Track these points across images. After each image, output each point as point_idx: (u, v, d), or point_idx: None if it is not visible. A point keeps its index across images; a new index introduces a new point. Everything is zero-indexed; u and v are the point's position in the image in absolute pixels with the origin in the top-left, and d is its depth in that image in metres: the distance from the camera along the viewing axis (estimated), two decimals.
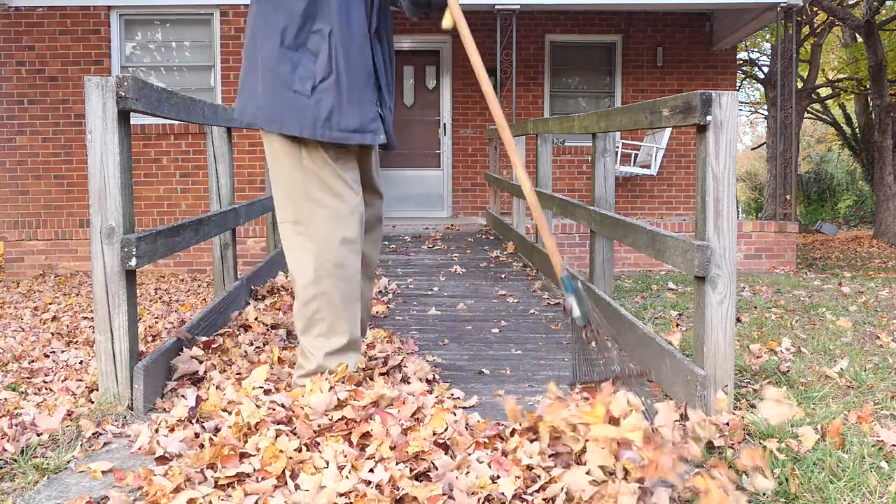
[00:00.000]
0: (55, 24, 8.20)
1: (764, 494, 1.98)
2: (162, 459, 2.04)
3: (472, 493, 1.80)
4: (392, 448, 1.97)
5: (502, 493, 1.80)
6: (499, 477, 1.86)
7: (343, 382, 2.34)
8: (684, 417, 2.50)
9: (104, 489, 1.93)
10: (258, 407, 2.23)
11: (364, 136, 2.46)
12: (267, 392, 2.46)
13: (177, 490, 1.79)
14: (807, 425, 2.34)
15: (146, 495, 1.80)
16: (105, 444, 2.24)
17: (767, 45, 17.10)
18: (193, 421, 2.29)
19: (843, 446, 2.23)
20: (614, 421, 1.82)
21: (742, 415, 2.45)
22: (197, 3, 8.17)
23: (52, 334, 4.64)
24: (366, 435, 2.06)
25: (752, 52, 17.96)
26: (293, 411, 2.19)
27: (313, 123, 2.39)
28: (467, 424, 2.19)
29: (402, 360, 2.89)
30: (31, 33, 8.20)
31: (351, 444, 2.03)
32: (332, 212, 2.47)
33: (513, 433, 2.12)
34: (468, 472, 1.87)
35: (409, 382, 2.67)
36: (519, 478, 1.83)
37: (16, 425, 2.32)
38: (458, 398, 2.66)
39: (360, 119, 2.44)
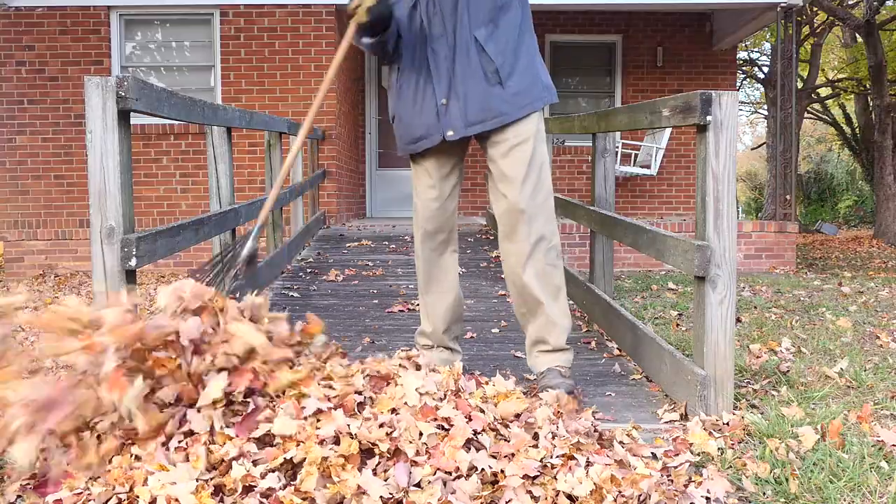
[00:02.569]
0: (55, 24, 8.19)
1: (764, 494, 1.98)
2: None
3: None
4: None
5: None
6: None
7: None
8: (684, 417, 2.50)
9: None
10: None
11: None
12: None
13: None
14: (807, 425, 2.34)
15: None
16: None
17: (767, 45, 17.10)
18: None
19: (843, 446, 2.23)
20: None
21: (742, 415, 2.45)
22: (197, 3, 8.16)
23: None
24: None
25: (752, 52, 17.97)
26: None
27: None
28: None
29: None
30: (31, 33, 8.19)
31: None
32: None
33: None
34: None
35: None
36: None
37: None
38: None
39: None
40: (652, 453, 2.11)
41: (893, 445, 2.23)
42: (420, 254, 2.84)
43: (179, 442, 1.82)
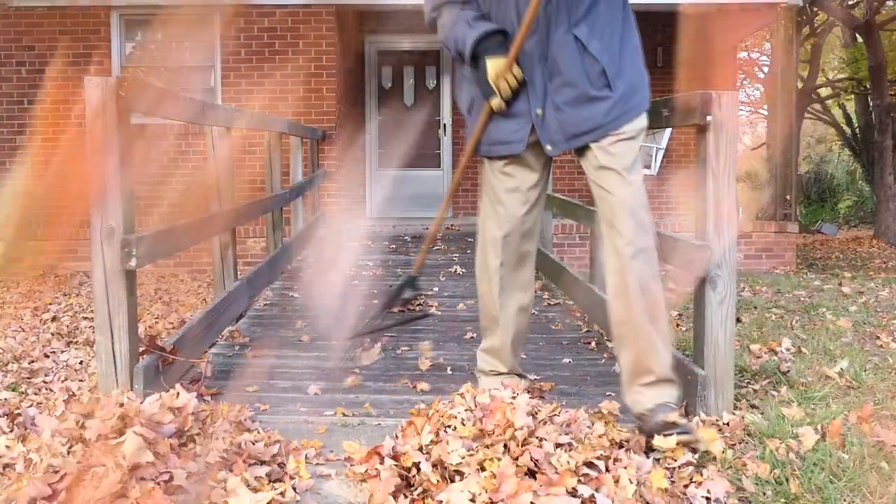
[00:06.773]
0: (55, 24, 8.19)
1: (764, 494, 1.98)
2: None
3: None
4: None
5: None
6: None
7: None
8: (684, 417, 2.50)
9: None
10: None
11: None
12: None
13: None
14: (807, 425, 2.34)
15: None
16: None
17: (767, 45, 17.10)
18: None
19: (843, 446, 2.23)
20: None
21: (742, 415, 2.45)
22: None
23: (52, 334, 4.64)
24: None
25: (752, 52, 17.96)
26: None
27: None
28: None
29: None
30: (31, 33, 8.19)
31: None
32: None
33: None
34: None
35: None
36: None
37: (16, 425, 2.32)
38: None
39: None
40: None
41: (893, 445, 2.23)
42: (492, 264, 2.48)
43: None
